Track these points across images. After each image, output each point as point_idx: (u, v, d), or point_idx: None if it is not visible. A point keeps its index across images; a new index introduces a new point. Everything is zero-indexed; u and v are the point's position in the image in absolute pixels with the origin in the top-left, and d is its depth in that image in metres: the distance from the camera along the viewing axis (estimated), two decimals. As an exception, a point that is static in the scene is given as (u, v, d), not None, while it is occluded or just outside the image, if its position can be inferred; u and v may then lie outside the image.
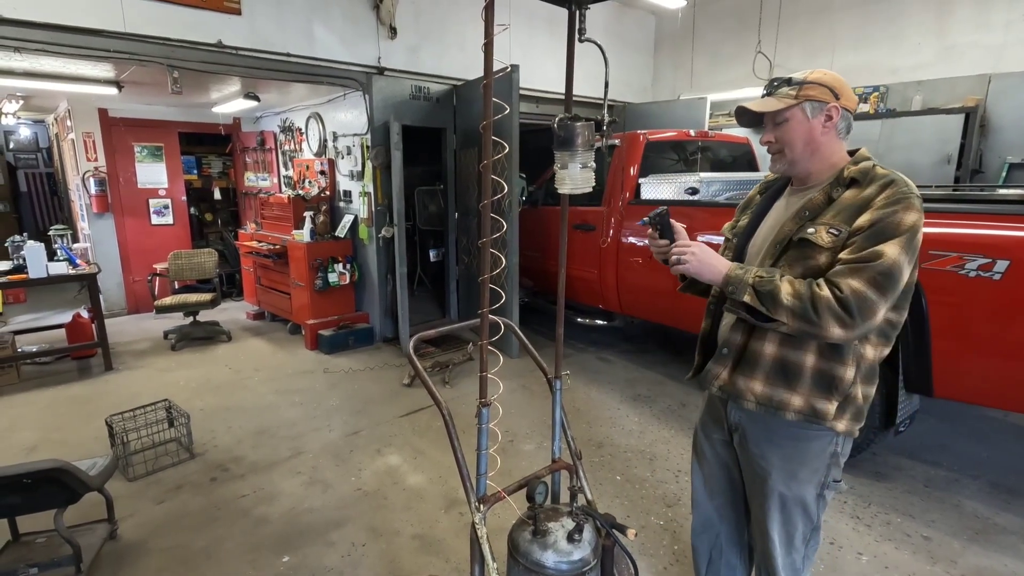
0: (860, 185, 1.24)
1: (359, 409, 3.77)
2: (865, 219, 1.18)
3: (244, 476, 2.95)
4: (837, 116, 1.29)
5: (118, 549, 2.38)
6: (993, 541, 2.36)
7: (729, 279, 1.24)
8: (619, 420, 3.57)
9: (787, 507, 1.39)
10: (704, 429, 1.60)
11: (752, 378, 1.35)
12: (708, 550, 1.65)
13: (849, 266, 1.16)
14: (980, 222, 2.30)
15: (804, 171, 1.34)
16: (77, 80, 4.42)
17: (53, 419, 3.66)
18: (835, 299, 1.14)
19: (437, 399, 1.43)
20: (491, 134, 1.18)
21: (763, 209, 1.46)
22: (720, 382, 1.40)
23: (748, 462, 1.45)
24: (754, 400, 1.35)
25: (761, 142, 1.37)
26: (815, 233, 1.23)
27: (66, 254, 4.51)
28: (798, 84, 1.29)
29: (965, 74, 4.87)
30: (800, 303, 1.16)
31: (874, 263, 1.14)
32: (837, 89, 1.28)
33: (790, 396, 1.31)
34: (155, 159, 6.29)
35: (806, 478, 1.36)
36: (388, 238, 4.93)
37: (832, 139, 1.30)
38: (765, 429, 1.39)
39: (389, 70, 4.77)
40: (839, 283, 1.15)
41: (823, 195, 1.28)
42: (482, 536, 1.36)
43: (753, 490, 1.46)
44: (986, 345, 2.31)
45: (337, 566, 2.26)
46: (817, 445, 1.35)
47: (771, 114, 1.31)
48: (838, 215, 1.23)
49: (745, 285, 1.22)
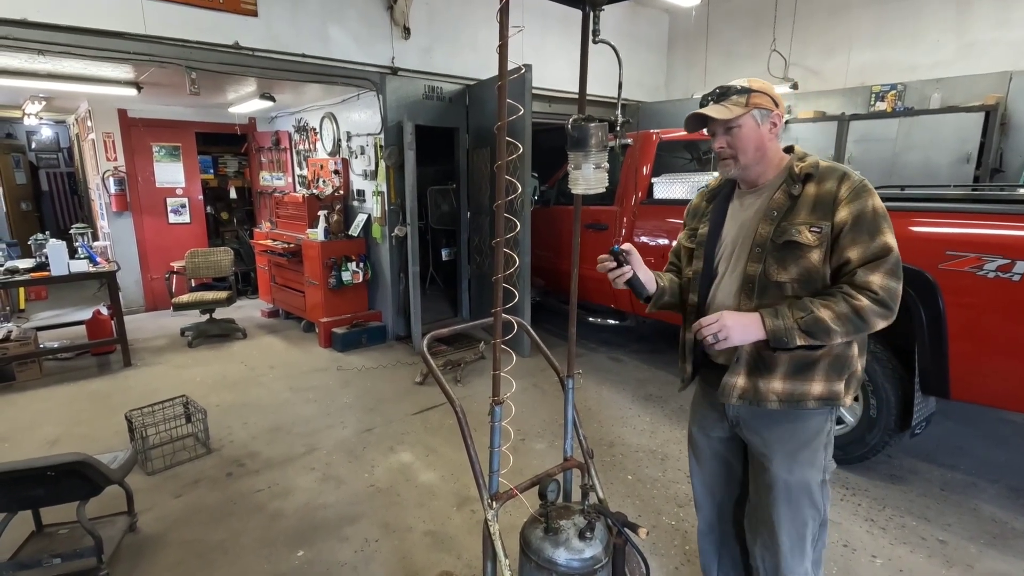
0: (815, 179, 1.33)
1: (372, 407, 3.81)
2: (844, 214, 1.27)
3: (259, 471, 2.99)
4: (780, 123, 1.38)
5: (138, 541, 2.43)
6: (1011, 546, 2.32)
7: (774, 333, 1.26)
8: (630, 420, 3.56)
9: (792, 496, 1.41)
10: (701, 428, 1.61)
11: (771, 379, 1.37)
12: (716, 549, 1.66)
13: (866, 266, 1.25)
14: (1000, 222, 2.26)
15: (753, 175, 1.40)
16: (98, 81, 4.50)
17: (74, 414, 3.74)
18: (875, 302, 1.23)
19: (451, 397, 1.45)
20: (505, 135, 1.19)
21: (719, 214, 1.49)
22: (739, 391, 1.40)
23: (751, 453, 1.48)
24: (776, 400, 1.37)
25: (713, 148, 1.40)
26: (799, 234, 1.30)
27: (87, 252, 4.61)
28: (746, 92, 1.33)
29: (985, 71, 4.79)
30: (849, 323, 1.23)
31: (886, 257, 1.24)
32: (776, 97, 1.37)
33: (810, 386, 1.35)
34: (173, 159, 6.39)
35: (807, 459, 1.40)
36: (401, 237, 4.96)
37: (774, 144, 1.39)
38: (765, 418, 1.42)
39: (403, 70, 4.81)
40: (868, 284, 1.23)
41: (783, 194, 1.35)
42: (495, 533, 1.38)
43: (758, 484, 1.47)
44: (1005, 347, 2.28)
45: (351, 561, 2.29)
46: (814, 423, 1.41)
47: (723, 121, 1.34)
48: (812, 212, 1.30)
49: (793, 332, 1.25)
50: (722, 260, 1.46)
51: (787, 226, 1.31)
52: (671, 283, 1.56)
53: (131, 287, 6.33)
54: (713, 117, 1.34)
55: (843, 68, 5.68)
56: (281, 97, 5.42)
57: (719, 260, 1.47)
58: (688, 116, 1.39)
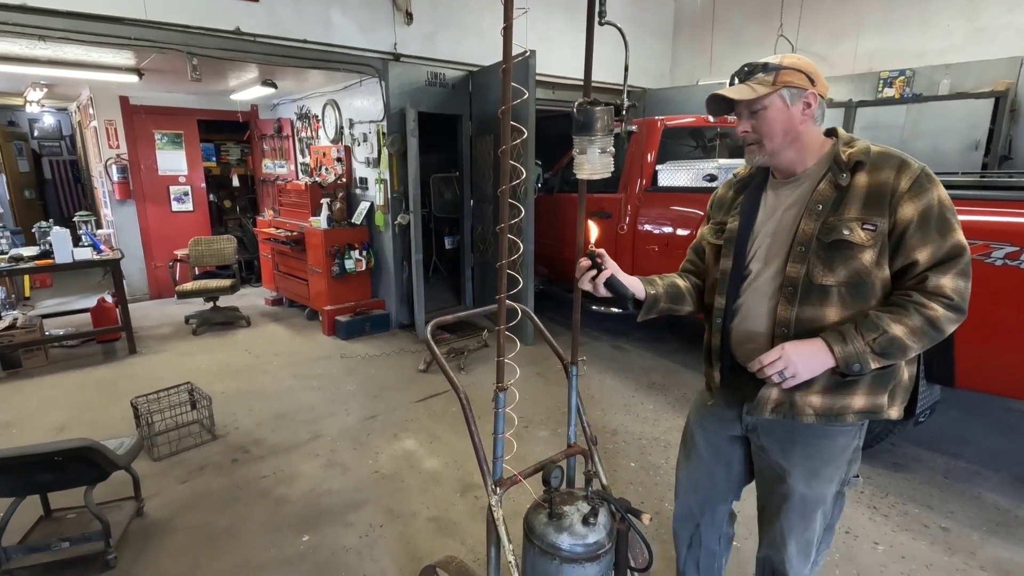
0: (866, 168, 1.18)
1: (376, 394, 3.82)
2: (909, 212, 1.14)
3: (264, 458, 3.02)
4: (815, 103, 1.22)
5: (145, 526, 2.46)
6: (1014, 533, 2.33)
7: (845, 361, 1.14)
8: (634, 407, 3.57)
9: (807, 509, 1.34)
10: (703, 424, 1.54)
11: (809, 392, 1.25)
12: (688, 536, 1.65)
13: (938, 268, 1.14)
14: (1008, 209, 2.24)
15: (786, 162, 1.26)
16: (99, 68, 4.48)
17: (81, 400, 3.77)
18: (948, 308, 1.13)
19: (455, 383, 1.45)
20: (510, 118, 1.17)
21: (751, 207, 1.34)
22: (773, 403, 1.29)
23: (766, 462, 1.40)
24: (813, 414, 1.26)
25: (738, 133, 1.28)
26: (851, 233, 1.16)
27: (90, 240, 4.61)
28: (775, 70, 1.20)
29: (996, 57, 4.72)
30: (925, 336, 1.14)
31: (958, 258, 1.13)
32: (812, 74, 1.21)
33: (851, 400, 1.25)
34: (175, 146, 6.37)
35: (828, 476, 1.32)
36: (404, 225, 4.95)
37: (811, 127, 1.24)
38: (788, 430, 1.33)
39: (405, 56, 4.76)
40: (941, 288, 1.13)
41: (829, 185, 1.20)
42: (498, 518, 1.38)
43: (771, 491, 1.41)
44: (1012, 335, 2.27)
45: (355, 546, 2.31)
46: (842, 441, 1.31)
47: (747, 103, 1.22)
48: (864, 207, 1.16)
49: (866, 356, 1.14)
50: (755, 258, 1.32)
51: (836, 222, 1.17)
52: (673, 287, 1.45)
53: (135, 275, 6.35)
54: (733, 98, 1.21)
55: (851, 54, 5.60)
56: (283, 84, 5.39)
57: (751, 258, 1.33)
58: (709, 97, 1.27)
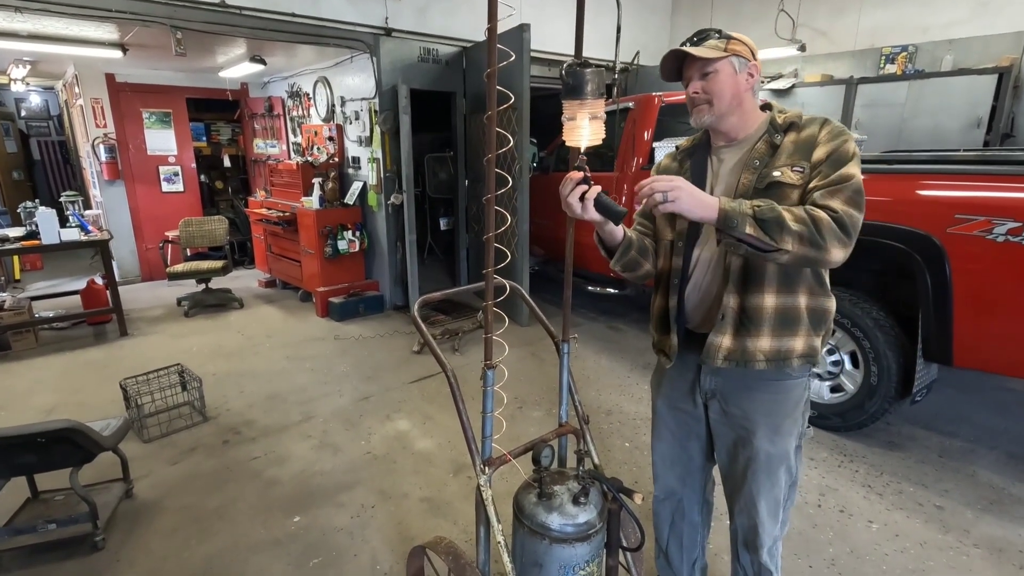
0: (798, 128, 1.30)
1: (369, 375, 3.79)
2: (821, 152, 1.23)
3: (256, 439, 2.99)
4: (757, 75, 1.33)
5: (134, 507, 2.43)
6: (1007, 511, 2.32)
7: (726, 212, 1.14)
8: (629, 388, 3.55)
9: (772, 466, 1.39)
10: (670, 401, 1.55)
11: (759, 336, 1.32)
12: (671, 514, 1.65)
13: (826, 190, 1.19)
14: (1012, 183, 2.19)
15: (729, 125, 1.34)
16: (81, 43, 4.35)
17: (71, 382, 3.73)
18: (832, 220, 1.14)
19: (441, 360, 1.41)
20: (496, 82, 1.11)
21: (700, 171, 1.40)
22: (725, 352, 1.34)
23: (729, 426, 1.43)
24: (764, 359, 1.32)
25: (689, 94, 1.34)
26: (782, 175, 1.25)
27: (78, 220, 4.53)
28: (726, 38, 1.29)
29: (1001, 32, 4.62)
30: (806, 227, 1.13)
31: (847, 183, 1.18)
32: (754, 50, 1.32)
33: (794, 342, 1.32)
34: (164, 125, 6.25)
35: (788, 430, 1.39)
36: (397, 205, 4.87)
37: (751, 96, 1.33)
38: (745, 388, 1.38)
39: (397, 31, 4.64)
40: (828, 205, 1.17)
41: (765, 144, 1.30)
42: (487, 498, 1.35)
43: (735, 456, 1.44)
44: (1013, 312, 2.23)
45: (347, 526, 2.29)
46: (795, 393, 1.38)
47: (700, 65, 1.29)
48: (793, 154, 1.26)
49: (744, 216, 1.13)
50: None
51: (769, 171, 1.27)
52: (640, 241, 1.46)
53: (126, 257, 6.27)
54: (692, 55, 1.28)
55: (853, 29, 5.48)
56: (272, 60, 5.26)
57: None
58: (664, 57, 1.32)
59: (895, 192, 2.53)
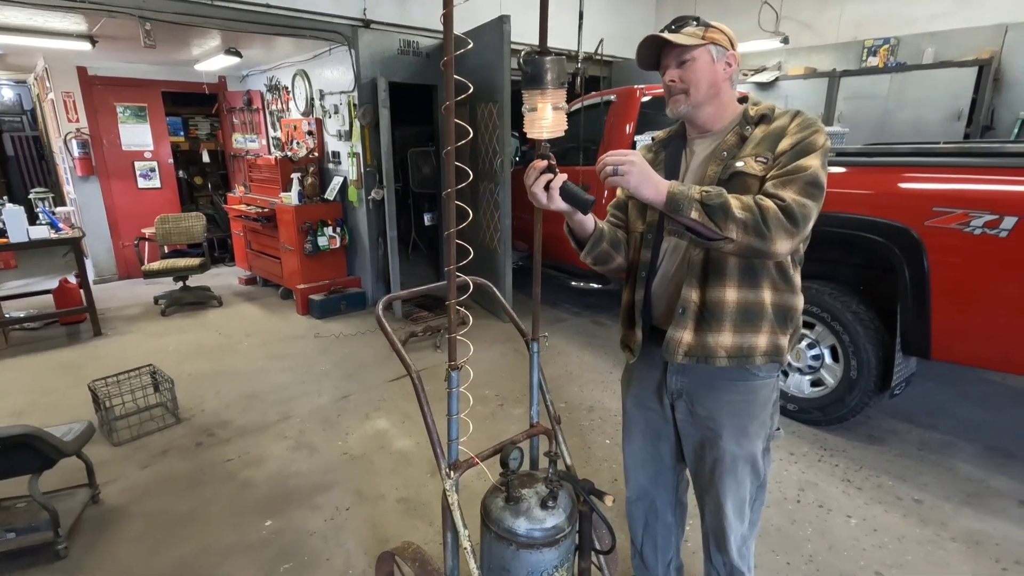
0: (768, 120, 1.27)
1: (349, 374, 3.73)
2: (786, 143, 1.20)
3: (230, 440, 2.92)
4: (735, 64, 1.29)
5: (101, 513, 2.36)
6: (986, 504, 2.32)
7: (673, 195, 1.11)
8: (611, 384, 3.52)
9: (738, 468, 1.36)
10: (638, 400, 1.51)
11: (720, 332, 1.27)
12: (644, 515, 1.62)
13: (780, 179, 1.16)
14: (988, 175, 2.17)
15: (705, 116, 1.30)
16: (47, 34, 4.22)
17: (42, 384, 3.63)
18: (780, 209, 1.11)
19: (405, 360, 1.36)
20: (452, 71, 1.06)
21: (674, 163, 1.37)
22: (685, 347, 1.30)
23: (695, 427, 1.39)
24: (726, 355, 1.28)
25: (666, 82, 1.30)
26: (745, 165, 1.22)
27: (48, 218, 4.41)
28: (704, 25, 1.26)
29: (982, 24, 4.63)
30: (751, 215, 1.10)
31: (801, 174, 1.15)
32: (732, 40, 1.29)
33: (756, 339, 1.28)
34: (139, 120, 6.10)
35: (755, 432, 1.35)
36: (378, 200, 4.80)
37: (728, 87, 1.30)
38: (711, 388, 1.34)
39: (375, 23, 4.55)
40: (777, 194, 1.14)
41: (735, 136, 1.28)
42: (453, 503, 1.31)
43: (701, 457, 1.40)
44: (990, 305, 2.22)
45: (320, 530, 2.24)
46: (763, 394, 1.34)
47: (677, 52, 1.26)
48: (759, 145, 1.23)
49: (691, 200, 1.10)
50: None
51: (733, 162, 1.24)
52: (613, 233, 1.42)
53: (102, 255, 6.13)
54: (670, 42, 1.24)
55: (836, 21, 5.47)
56: (249, 53, 5.15)
57: None
58: (641, 43, 1.28)
59: (874, 185, 2.52)
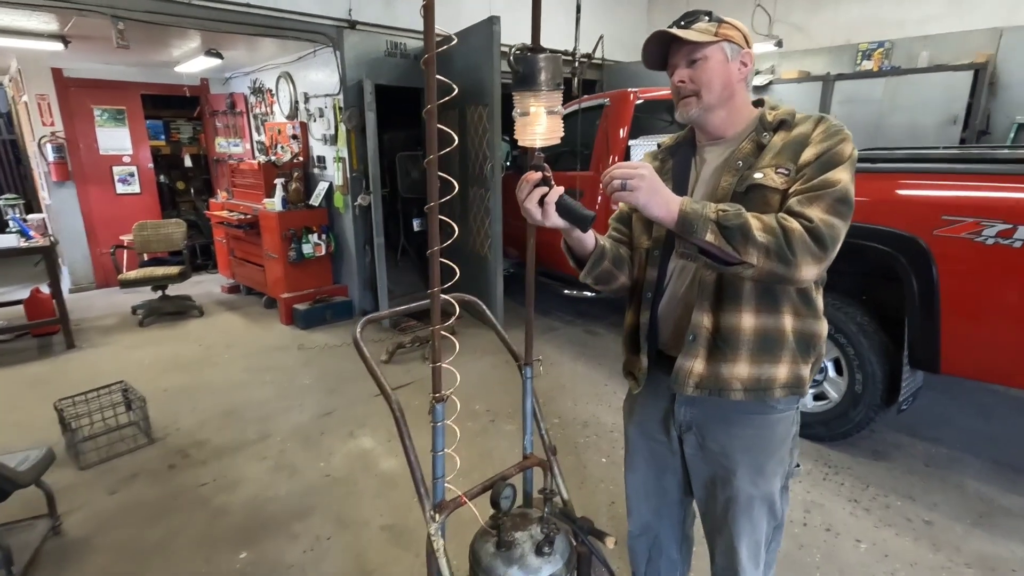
0: (789, 127, 1.14)
1: (333, 388, 3.58)
2: (810, 153, 1.07)
3: (206, 462, 2.76)
4: (751, 64, 1.18)
5: (62, 545, 2.20)
6: (998, 525, 2.22)
7: (686, 214, 0.99)
8: (606, 396, 3.40)
9: (753, 509, 1.23)
10: (642, 430, 1.38)
11: (736, 362, 1.14)
12: (647, 550, 1.49)
13: (805, 196, 1.03)
14: (1002, 183, 2.08)
15: (717, 120, 1.18)
16: (17, 34, 4.04)
17: (8, 400, 3.45)
18: (806, 231, 0.99)
19: (383, 387, 1.24)
20: (435, 69, 0.94)
21: (682, 172, 1.24)
22: (696, 378, 1.17)
23: (706, 463, 1.26)
24: (741, 388, 1.15)
25: (674, 83, 1.18)
26: (764, 177, 1.09)
27: (18, 225, 4.22)
28: (717, 21, 1.14)
29: (976, 28, 4.59)
30: (774, 238, 0.98)
31: (829, 189, 1.02)
32: (747, 37, 1.17)
33: (775, 370, 1.15)
34: (117, 123, 5.91)
35: (772, 470, 1.23)
36: (365, 206, 4.65)
37: (743, 88, 1.18)
38: (724, 422, 1.21)
39: (361, 24, 4.42)
40: (804, 213, 1.01)
41: (751, 143, 1.15)
42: (438, 549, 1.18)
43: (713, 494, 1.27)
44: (1003, 318, 2.13)
45: (299, 562, 2.09)
46: (781, 429, 1.22)
47: (688, 50, 1.14)
48: (779, 155, 1.10)
49: (706, 221, 0.98)
50: None
51: (750, 173, 1.11)
52: (615, 249, 1.29)
53: (80, 262, 5.93)
54: (679, 39, 1.12)
55: (830, 24, 5.42)
56: (231, 54, 4.99)
57: None
58: (647, 40, 1.15)
59: (878, 192, 2.42)
